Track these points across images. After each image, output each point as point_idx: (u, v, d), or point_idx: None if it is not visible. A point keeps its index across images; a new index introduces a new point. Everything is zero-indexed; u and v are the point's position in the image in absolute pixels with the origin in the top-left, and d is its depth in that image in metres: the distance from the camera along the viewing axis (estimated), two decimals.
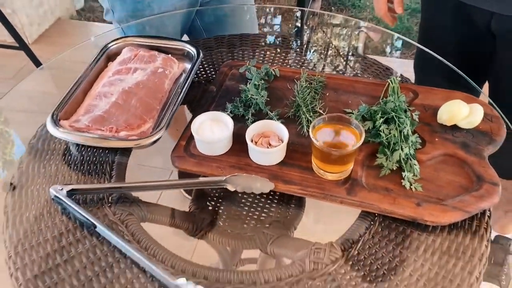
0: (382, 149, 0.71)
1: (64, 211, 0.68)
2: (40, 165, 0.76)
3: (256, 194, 0.67)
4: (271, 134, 0.71)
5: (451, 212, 0.65)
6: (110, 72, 0.86)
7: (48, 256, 0.63)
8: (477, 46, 0.99)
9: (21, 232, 0.66)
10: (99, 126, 0.75)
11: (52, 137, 0.78)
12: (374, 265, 0.62)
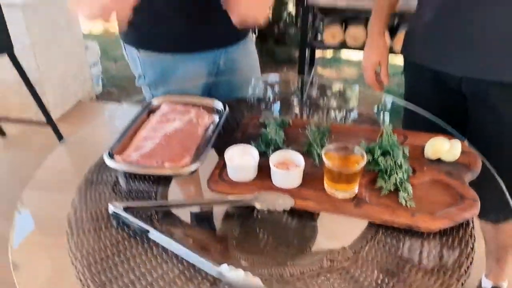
0: (381, 175, 0.87)
1: (120, 224, 0.81)
2: (95, 191, 0.91)
3: (276, 214, 0.82)
4: (289, 162, 0.88)
5: (441, 220, 0.79)
6: (154, 121, 1.05)
7: (108, 258, 0.75)
8: (454, 108, 1.19)
9: (85, 241, 0.79)
10: (147, 160, 0.92)
11: (104, 170, 0.94)
12: (380, 262, 0.74)
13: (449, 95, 1.16)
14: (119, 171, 0.93)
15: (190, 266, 0.73)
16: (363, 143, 0.93)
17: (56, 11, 2.47)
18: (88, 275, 0.72)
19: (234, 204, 0.85)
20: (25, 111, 2.56)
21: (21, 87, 2.46)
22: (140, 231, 0.78)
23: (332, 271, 0.73)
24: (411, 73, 1.26)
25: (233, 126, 1.10)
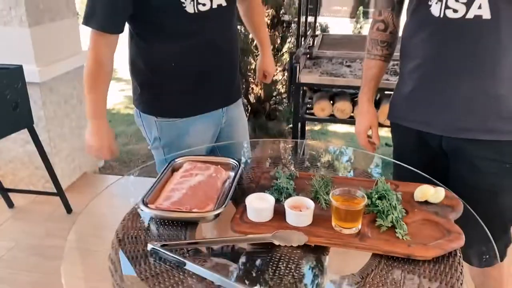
0: (380, 215, 1.02)
1: (158, 259, 0.93)
2: (131, 236, 1.03)
3: (290, 252, 0.95)
4: (301, 205, 1.03)
5: (433, 250, 0.93)
6: (178, 176, 1.20)
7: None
8: (436, 162, 1.37)
9: (129, 275, 0.91)
10: (177, 207, 1.06)
11: (138, 218, 1.08)
12: (384, 286, 0.87)
13: (431, 152, 1.35)
14: (153, 218, 1.07)
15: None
16: (362, 189, 1.09)
17: (69, 90, 2.69)
18: None
19: (255, 241, 0.98)
20: (32, 183, 2.68)
21: (30, 160, 2.62)
22: (178, 263, 0.90)
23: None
24: (398, 135, 1.45)
25: (246, 180, 1.25)
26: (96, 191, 2.83)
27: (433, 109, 1.28)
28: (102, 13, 1.30)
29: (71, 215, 2.50)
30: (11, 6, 2.28)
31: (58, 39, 2.54)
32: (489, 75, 1.18)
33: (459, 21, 1.16)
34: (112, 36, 1.34)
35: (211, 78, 1.48)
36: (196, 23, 1.38)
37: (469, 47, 1.18)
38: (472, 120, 1.23)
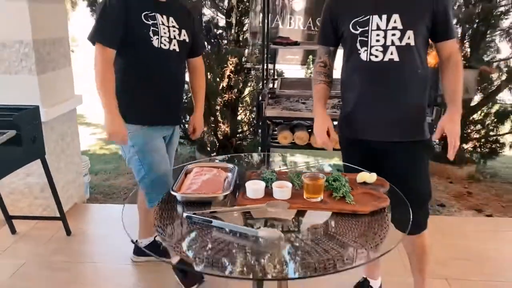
0: (335, 190, 1.53)
1: (191, 221, 1.38)
2: (169, 213, 1.48)
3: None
4: (283, 185, 1.52)
5: (369, 207, 1.45)
6: (192, 176, 1.66)
7: (180, 239, 1.32)
8: (371, 159, 1.89)
9: (175, 232, 1.35)
10: (195, 190, 1.52)
11: (169, 203, 1.53)
12: (337, 227, 1.37)
13: (366, 152, 1.89)
14: (180, 199, 1.52)
15: (239, 235, 1.31)
16: (322, 174, 1.61)
17: (65, 128, 3.08)
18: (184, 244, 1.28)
19: (254, 209, 1.46)
20: (31, 212, 2.99)
21: (30, 191, 2.96)
22: (205, 222, 1.36)
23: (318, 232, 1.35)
24: (345, 143, 1.99)
25: (240, 177, 1.74)
26: (85, 218, 3.19)
27: (366, 123, 1.84)
28: (104, 34, 1.93)
29: (70, 236, 2.83)
30: (22, 58, 2.70)
31: (58, 85, 2.96)
32: (400, 98, 1.78)
33: (379, 63, 1.76)
34: (110, 51, 1.92)
35: (166, 99, 2.10)
36: (158, 55, 2.01)
37: (386, 80, 1.77)
38: (392, 130, 1.81)
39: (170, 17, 2.06)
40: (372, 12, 1.74)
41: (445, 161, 4.34)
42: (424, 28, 1.74)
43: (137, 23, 1.96)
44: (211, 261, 1.19)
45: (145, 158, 2.08)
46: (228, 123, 4.42)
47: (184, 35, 2.11)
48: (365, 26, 1.75)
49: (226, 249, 1.24)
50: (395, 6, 1.73)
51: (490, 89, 4.23)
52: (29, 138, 2.35)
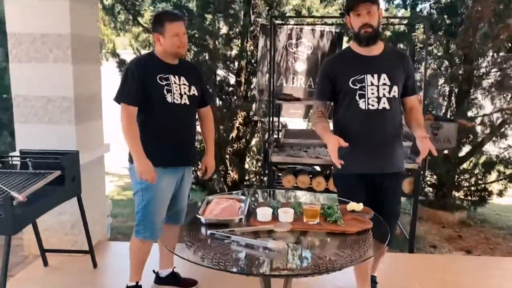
0: (328, 215, 1.91)
1: (213, 237, 1.75)
2: (194, 233, 1.84)
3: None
4: (286, 211, 1.90)
5: (355, 228, 1.82)
6: (212, 205, 2.05)
7: (207, 250, 1.68)
8: (362, 189, 2.30)
9: (201, 248, 1.72)
10: (216, 215, 1.90)
11: (196, 225, 1.90)
12: (330, 245, 1.73)
13: (359, 183, 2.31)
14: (204, 222, 1.89)
15: (252, 247, 1.67)
16: (319, 203, 1.98)
17: (95, 173, 3.48)
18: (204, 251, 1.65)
19: (263, 229, 1.83)
20: (62, 246, 3.32)
21: (61, 228, 3.31)
22: (225, 237, 1.73)
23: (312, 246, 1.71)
24: (340, 179, 2.41)
25: (251, 205, 2.11)
26: (109, 253, 3.51)
27: (363, 160, 2.28)
28: (127, 95, 2.36)
29: (97, 269, 3.15)
30: (63, 111, 3.16)
31: (91, 134, 3.40)
32: (392, 137, 2.25)
33: (376, 111, 2.23)
34: (133, 108, 2.35)
35: (178, 143, 2.45)
36: (172, 109, 2.40)
37: (380, 123, 2.24)
38: (384, 164, 2.27)
39: (182, 76, 2.46)
40: (366, 72, 2.24)
41: (438, 208, 4.69)
42: (401, 85, 2.28)
43: (153, 85, 2.37)
44: (232, 264, 1.56)
45: (146, 194, 2.44)
46: (236, 171, 4.82)
47: (194, 90, 2.49)
48: (362, 83, 2.24)
49: (242, 256, 1.61)
50: (381, 68, 2.24)
51: (475, 141, 4.65)
52: (70, 178, 2.75)
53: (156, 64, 2.43)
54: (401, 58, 2.34)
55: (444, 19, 4.83)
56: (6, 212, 2.18)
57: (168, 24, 2.36)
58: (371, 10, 2.20)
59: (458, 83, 4.69)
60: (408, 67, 2.31)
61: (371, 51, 2.28)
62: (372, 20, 2.21)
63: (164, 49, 2.41)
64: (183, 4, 4.38)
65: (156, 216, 2.45)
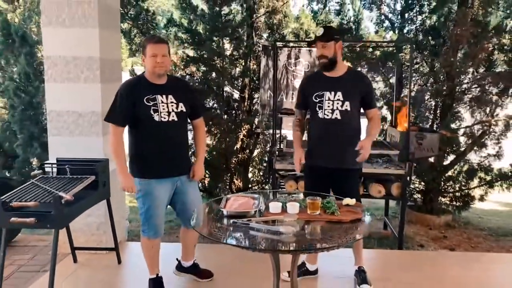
0: (327, 208, 2.33)
1: (234, 225, 2.17)
2: (218, 223, 2.26)
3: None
4: (293, 205, 2.33)
5: (350, 217, 2.25)
6: (231, 200, 2.47)
7: (236, 235, 2.10)
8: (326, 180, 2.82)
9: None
10: (236, 208, 2.32)
11: (218, 216, 2.32)
12: (327, 229, 2.16)
13: (321, 174, 2.85)
14: (226, 214, 2.31)
15: (269, 232, 2.09)
16: (319, 198, 2.41)
17: (116, 180, 3.89)
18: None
19: (275, 219, 2.25)
20: (88, 245, 3.71)
21: (88, 229, 3.70)
22: (245, 224, 2.15)
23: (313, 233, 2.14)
24: (308, 170, 2.94)
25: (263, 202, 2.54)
26: (130, 251, 3.90)
27: (322, 155, 2.85)
28: (115, 116, 2.69)
29: (121, 265, 3.54)
30: (92, 125, 3.59)
31: None
32: (342, 140, 2.80)
33: (329, 120, 2.82)
34: (120, 128, 2.69)
35: (168, 158, 2.74)
36: (159, 127, 2.66)
37: (333, 130, 2.83)
38: (344, 160, 2.81)
39: (169, 95, 2.68)
40: (326, 90, 2.84)
41: (425, 212, 5.12)
42: (357, 101, 2.85)
43: (141, 105, 2.62)
44: (250, 244, 1.98)
45: (145, 201, 2.77)
46: (241, 179, 5.24)
47: (181, 107, 2.72)
48: (322, 97, 2.85)
49: (259, 238, 2.03)
50: (339, 87, 2.84)
51: (458, 150, 5.11)
52: (102, 183, 3.16)
53: (144, 85, 2.68)
54: (358, 79, 2.91)
55: (429, 40, 5.33)
56: (56, 210, 2.59)
57: (149, 45, 2.63)
58: (326, 46, 2.77)
59: (442, 98, 5.16)
60: (364, 86, 2.89)
61: (335, 73, 2.87)
62: (326, 52, 2.79)
63: (147, 68, 2.69)
64: (194, 28, 4.84)
65: (156, 218, 2.79)
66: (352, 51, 5.25)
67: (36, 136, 4.44)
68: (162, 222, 2.86)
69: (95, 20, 3.44)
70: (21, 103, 4.41)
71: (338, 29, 5.46)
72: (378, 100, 5.57)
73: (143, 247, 2.95)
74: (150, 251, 2.93)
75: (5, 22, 4.60)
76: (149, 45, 2.63)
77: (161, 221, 2.85)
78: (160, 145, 2.70)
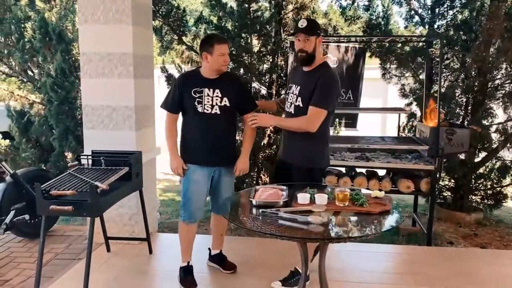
0: (356, 200, 2.35)
1: (264, 215, 2.21)
2: (248, 209, 2.32)
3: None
4: (322, 196, 2.36)
5: (378, 209, 2.26)
6: (260, 191, 2.52)
7: (266, 224, 2.15)
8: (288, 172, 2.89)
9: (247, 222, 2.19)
10: (265, 199, 2.37)
11: (249, 205, 2.38)
12: (358, 223, 2.18)
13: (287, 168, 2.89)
14: (256, 204, 2.36)
15: (296, 220, 2.13)
16: (348, 189, 2.43)
17: (149, 172, 4.00)
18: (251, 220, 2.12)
19: (304, 209, 2.28)
20: (121, 235, 3.84)
21: (120, 220, 3.82)
22: (274, 214, 2.19)
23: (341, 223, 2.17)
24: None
25: (291, 193, 2.58)
26: (161, 242, 4.01)
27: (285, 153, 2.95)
28: (167, 103, 2.99)
29: (153, 255, 3.65)
30: (125, 119, 3.70)
31: (147, 138, 3.94)
32: (300, 137, 2.85)
33: (290, 113, 2.89)
34: (173, 115, 2.99)
35: (206, 147, 2.92)
36: (201, 117, 2.88)
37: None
38: (296, 157, 2.88)
39: (217, 89, 2.87)
40: (293, 83, 2.94)
41: (455, 209, 5.05)
42: (307, 97, 2.76)
43: (188, 97, 2.88)
44: (278, 232, 2.02)
45: (185, 184, 2.98)
46: (267, 174, 5.29)
47: (226, 101, 2.87)
48: (290, 90, 2.97)
49: (288, 227, 2.07)
50: (299, 81, 2.87)
51: (490, 147, 5.01)
52: (135, 174, 3.27)
53: (196, 79, 2.90)
54: (318, 75, 2.75)
55: (460, 35, 5.24)
56: (92, 198, 2.70)
57: (217, 45, 2.79)
58: (308, 39, 2.73)
59: (473, 94, 5.07)
60: (318, 82, 2.71)
61: (307, 68, 2.84)
62: (306, 47, 2.75)
63: (210, 66, 2.84)
64: (223, 25, 4.92)
65: (192, 202, 2.95)
66: (381, 46, 5.21)
67: (72, 129, 4.61)
68: (198, 208, 2.99)
69: (129, 17, 3.55)
70: (57, 98, 4.58)
71: (367, 24, 5.43)
72: (407, 96, 5.51)
73: (180, 232, 3.10)
74: (185, 235, 3.08)
75: (42, 20, 4.78)
76: (218, 45, 2.79)
77: (197, 207, 2.98)
78: (200, 135, 2.91)
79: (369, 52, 5.28)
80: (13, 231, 3.83)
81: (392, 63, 5.26)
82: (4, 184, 3.72)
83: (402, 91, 5.55)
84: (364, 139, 4.30)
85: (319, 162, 2.91)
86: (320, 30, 2.85)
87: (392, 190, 3.88)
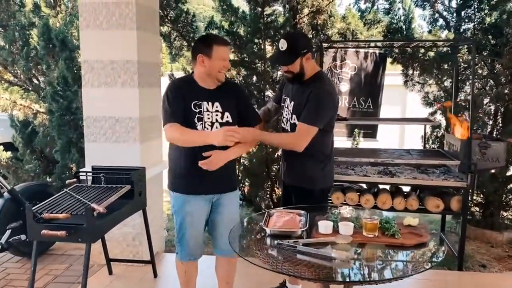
0: (386, 229, 2.03)
1: (280, 247, 1.91)
2: (261, 244, 2.01)
3: None
4: (346, 225, 2.04)
5: (415, 241, 1.93)
6: (274, 217, 2.21)
7: (282, 260, 1.84)
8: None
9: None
10: (280, 227, 2.06)
11: (260, 232, 2.07)
12: (389, 257, 1.86)
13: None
14: (270, 233, 2.06)
15: (317, 256, 1.82)
16: (377, 217, 2.11)
17: (155, 188, 3.73)
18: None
19: (326, 241, 1.97)
20: (124, 256, 3.56)
21: (124, 240, 3.55)
22: (291, 247, 1.88)
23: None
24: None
25: (311, 219, 2.26)
26: (167, 264, 3.72)
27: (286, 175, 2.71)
28: (172, 116, 2.35)
29: (157, 278, 3.36)
30: (129, 131, 3.44)
31: (152, 152, 3.67)
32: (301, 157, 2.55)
33: (285, 130, 2.66)
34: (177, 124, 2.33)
35: (205, 173, 2.35)
36: None
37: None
38: (296, 179, 2.64)
39: (216, 102, 2.39)
40: (286, 94, 2.71)
41: (485, 227, 4.66)
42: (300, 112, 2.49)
43: (188, 110, 2.36)
44: (297, 271, 1.71)
45: (178, 218, 2.51)
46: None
47: (227, 117, 2.41)
48: (284, 103, 2.70)
49: (308, 263, 1.76)
50: (291, 94, 2.62)
51: None
52: (138, 192, 2.99)
53: (193, 89, 2.40)
54: (310, 89, 2.46)
55: (489, 40, 4.87)
56: (88, 222, 2.42)
57: (216, 46, 2.34)
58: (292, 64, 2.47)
59: (505, 103, 4.69)
60: (310, 97, 2.42)
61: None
62: (292, 69, 2.50)
63: (207, 71, 2.37)
64: (235, 30, 4.64)
65: (188, 238, 2.51)
66: (404, 51, 4.87)
67: (74, 141, 4.36)
68: (197, 244, 2.56)
69: (133, 22, 3.29)
70: (59, 108, 4.34)
71: (387, 28, 5.10)
72: (431, 104, 5.15)
73: (178, 271, 2.68)
74: (183, 276, 2.65)
75: (45, 26, 4.56)
76: (218, 47, 2.35)
77: (196, 242, 2.55)
78: (198, 158, 2.34)
79: (390, 58, 4.96)
80: (10, 250, 3.59)
81: (415, 69, 4.91)
82: (1, 200, 3.47)
83: (426, 99, 5.19)
84: (387, 152, 3.97)
85: (319, 183, 2.62)
86: (307, 45, 2.50)
87: (418, 208, 3.53)
